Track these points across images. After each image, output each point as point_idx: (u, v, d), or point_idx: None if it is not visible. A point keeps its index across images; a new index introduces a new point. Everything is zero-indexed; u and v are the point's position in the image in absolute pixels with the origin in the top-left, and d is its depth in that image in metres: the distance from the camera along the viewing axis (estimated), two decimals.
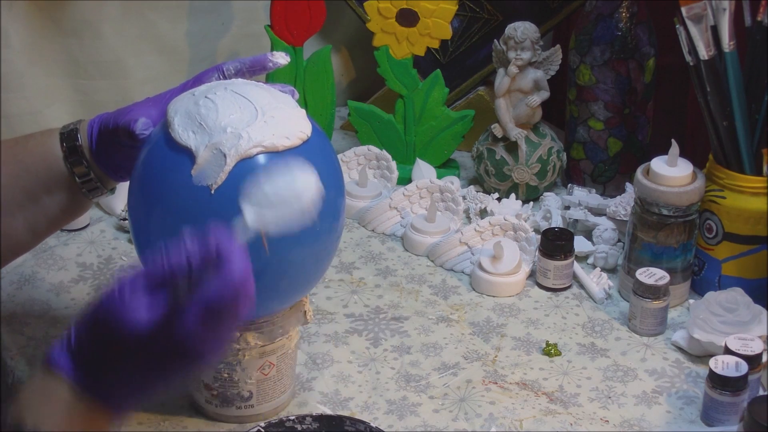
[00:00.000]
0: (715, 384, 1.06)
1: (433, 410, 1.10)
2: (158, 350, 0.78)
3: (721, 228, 1.22)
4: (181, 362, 0.79)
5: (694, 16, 1.17)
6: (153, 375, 0.80)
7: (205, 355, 0.78)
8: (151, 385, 0.80)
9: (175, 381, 0.81)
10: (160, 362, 0.79)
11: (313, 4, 1.43)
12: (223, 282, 0.76)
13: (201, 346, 0.78)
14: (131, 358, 0.78)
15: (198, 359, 0.79)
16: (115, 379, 0.80)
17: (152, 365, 0.79)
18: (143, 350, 0.78)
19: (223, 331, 0.78)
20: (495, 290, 1.27)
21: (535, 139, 1.42)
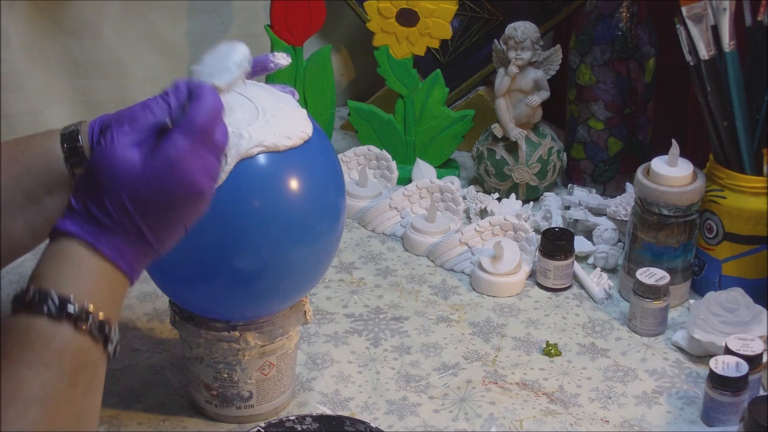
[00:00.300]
0: (715, 384, 1.06)
1: (433, 410, 1.10)
2: (155, 186, 0.79)
3: (722, 228, 1.22)
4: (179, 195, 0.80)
5: (695, 15, 1.17)
6: (156, 217, 0.80)
7: (198, 183, 0.80)
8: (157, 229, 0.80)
9: (178, 221, 0.81)
10: (160, 200, 0.79)
11: (313, 4, 1.43)
12: (198, 108, 0.80)
13: (192, 171, 0.79)
14: (131, 201, 0.79)
15: (192, 187, 0.80)
16: (121, 229, 0.79)
17: (152, 206, 0.79)
18: (141, 189, 0.79)
19: (208, 156, 0.81)
20: (495, 290, 1.27)
21: (535, 139, 1.42)
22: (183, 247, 0.94)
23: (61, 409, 0.74)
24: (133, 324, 1.21)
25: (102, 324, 0.77)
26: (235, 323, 1.02)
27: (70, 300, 0.76)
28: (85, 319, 0.76)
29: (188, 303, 1.02)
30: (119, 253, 0.80)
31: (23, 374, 0.73)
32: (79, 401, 0.76)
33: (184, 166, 0.80)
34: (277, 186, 0.94)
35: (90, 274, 0.78)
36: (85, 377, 0.76)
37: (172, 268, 0.97)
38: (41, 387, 0.73)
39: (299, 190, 0.95)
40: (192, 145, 0.80)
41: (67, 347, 0.75)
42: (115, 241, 0.79)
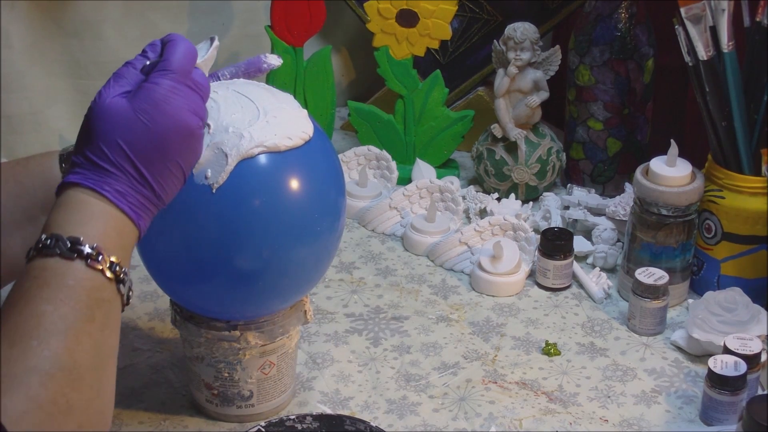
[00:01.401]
0: (714, 383, 1.06)
1: (433, 410, 1.10)
2: (145, 125, 0.82)
3: (720, 228, 1.22)
4: (168, 132, 0.83)
5: (693, 16, 1.17)
6: (152, 157, 0.83)
7: (183, 118, 0.84)
8: (155, 171, 0.83)
9: (174, 164, 0.84)
10: (152, 139, 0.82)
11: (313, 5, 1.44)
12: (172, 49, 0.86)
13: (176, 106, 0.83)
14: (126, 142, 0.82)
15: (180, 122, 0.83)
16: (121, 172, 0.82)
17: (146, 145, 0.82)
18: (133, 129, 0.82)
19: (190, 94, 0.85)
20: (495, 290, 1.27)
21: (534, 139, 1.42)
22: (183, 246, 0.95)
23: (80, 341, 0.77)
24: (133, 323, 1.21)
25: (113, 264, 0.80)
26: (235, 323, 1.02)
27: (80, 241, 0.79)
28: (96, 258, 0.79)
29: (189, 302, 1.02)
30: (123, 196, 0.82)
31: (41, 309, 0.76)
32: (97, 336, 0.78)
33: (168, 102, 0.83)
34: (277, 186, 0.95)
35: (98, 218, 0.81)
36: (101, 314, 0.79)
37: (173, 268, 0.98)
38: (60, 319, 0.76)
39: (300, 189, 0.95)
40: (172, 84, 0.84)
41: (81, 284, 0.78)
42: (117, 186, 0.82)
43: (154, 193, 0.84)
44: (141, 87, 0.84)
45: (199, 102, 0.86)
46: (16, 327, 0.76)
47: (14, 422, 0.71)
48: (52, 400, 0.73)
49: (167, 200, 0.86)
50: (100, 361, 0.78)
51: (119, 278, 0.80)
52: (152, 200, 0.84)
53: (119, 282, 0.81)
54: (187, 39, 0.88)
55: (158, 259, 0.99)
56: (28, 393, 0.73)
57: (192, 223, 0.94)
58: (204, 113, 0.87)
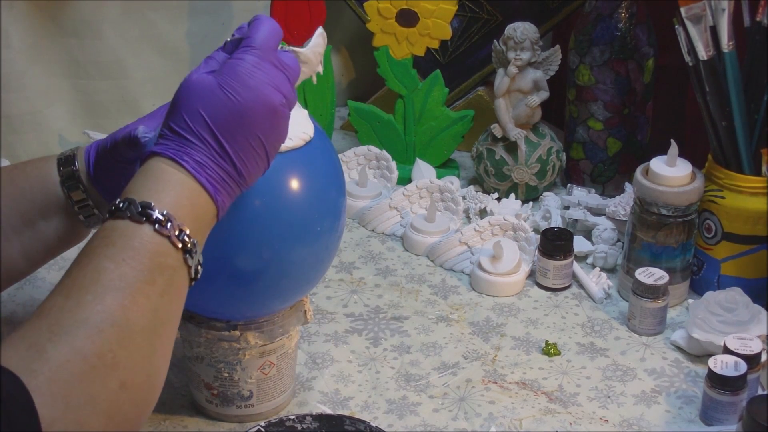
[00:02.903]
0: (714, 383, 1.06)
1: (433, 410, 1.10)
2: (227, 98, 0.83)
3: (720, 228, 1.22)
4: (250, 106, 0.83)
5: (693, 16, 1.17)
6: (233, 130, 0.83)
7: (265, 93, 0.84)
8: (236, 145, 0.83)
9: (256, 141, 0.84)
10: (233, 111, 0.83)
11: (313, 4, 1.44)
12: (255, 28, 0.87)
13: (258, 81, 0.84)
14: (208, 114, 0.83)
15: (261, 97, 0.84)
16: (201, 143, 0.83)
17: (228, 118, 0.83)
18: (216, 101, 0.83)
19: (274, 71, 0.85)
20: (495, 290, 1.27)
21: (534, 139, 1.42)
22: None
23: (136, 301, 0.77)
24: None
25: (182, 232, 0.80)
26: (235, 323, 1.02)
27: (151, 206, 0.79)
28: (164, 224, 0.79)
29: (189, 302, 1.01)
30: (202, 167, 0.83)
31: (103, 266, 0.77)
32: (156, 300, 0.78)
33: (250, 75, 0.84)
34: (278, 186, 0.95)
35: (173, 186, 0.82)
36: (163, 279, 0.79)
37: None
38: (119, 278, 0.77)
39: (300, 190, 0.95)
40: (254, 59, 0.84)
41: (146, 246, 0.79)
42: (197, 156, 0.83)
43: (235, 168, 0.84)
44: (225, 63, 0.85)
45: (284, 80, 0.86)
46: (74, 281, 0.76)
47: (55, 369, 0.72)
48: (97, 353, 0.74)
49: (249, 180, 0.86)
50: (156, 326, 0.78)
51: (187, 248, 0.81)
52: (233, 176, 0.84)
53: (187, 252, 0.81)
54: (272, 20, 0.88)
55: None
56: (74, 343, 0.73)
57: None
58: (289, 93, 0.86)
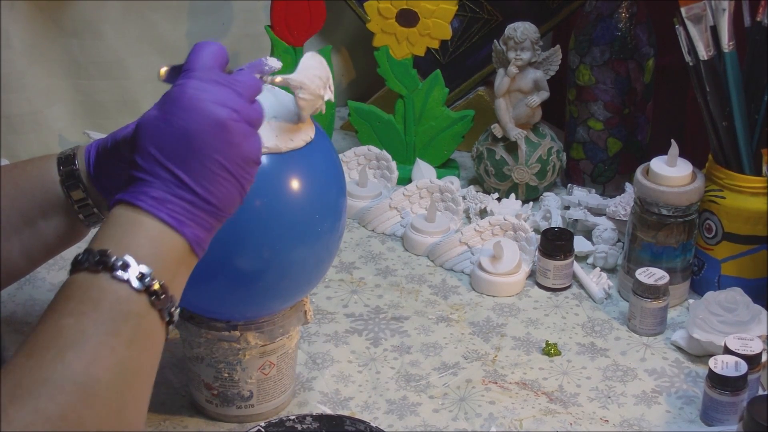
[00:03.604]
0: (714, 384, 1.06)
1: (433, 410, 1.10)
2: (172, 126, 0.79)
3: (721, 228, 1.22)
4: (197, 128, 0.80)
5: (694, 16, 1.17)
6: (186, 156, 0.80)
7: (208, 110, 0.80)
8: (192, 171, 0.80)
9: (212, 162, 0.80)
10: (182, 138, 0.79)
11: (313, 4, 1.44)
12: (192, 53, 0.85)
13: (198, 101, 0.80)
14: (158, 149, 0.80)
15: (204, 115, 0.80)
16: (157, 179, 0.79)
17: (178, 146, 0.79)
18: (162, 134, 0.80)
19: (216, 89, 0.81)
20: (495, 290, 1.27)
21: (534, 139, 1.42)
22: None
23: (99, 356, 0.74)
24: None
25: (144, 275, 0.77)
26: (235, 323, 1.02)
27: (107, 253, 0.77)
28: (122, 268, 0.76)
29: (189, 302, 1.02)
30: (160, 203, 0.79)
31: (63, 322, 0.74)
32: (122, 351, 0.75)
33: (189, 97, 0.80)
34: (278, 186, 0.94)
35: (131, 229, 0.79)
36: (128, 328, 0.76)
37: None
38: (80, 333, 0.74)
39: (300, 190, 0.95)
40: (194, 83, 0.81)
41: (105, 296, 0.76)
42: (154, 193, 0.79)
43: (198, 196, 0.80)
44: (165, 94, 0.82)
45: (231, 95, 0.82)
46: (36, 340, 0.74)
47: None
48: (60, 414, 0.71)
49: (223, 204, 0.81)
50: (124, 378, 0.75)
51: (152, 291, 0.77)
52: (199, 205, 0.80)
53: (152, 295, 0.77)
54: (215, 42, 0.86)
55: None
56: (36, 405, 0.70)
57: None
58: (242, 106, 0.82)
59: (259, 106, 0.85)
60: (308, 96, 0.93)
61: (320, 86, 0.94)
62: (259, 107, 0.84)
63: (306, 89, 0.93)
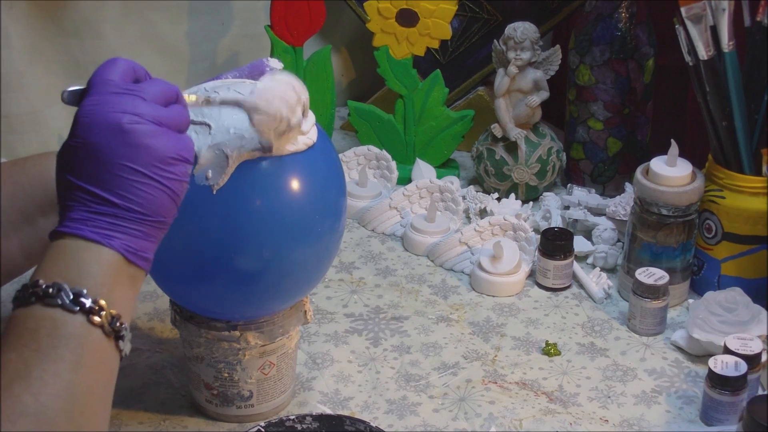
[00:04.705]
0: (714, 383, 1.06)
1: (433, 410, 1.10)
2: (77, 146, 0.79)
3: (721, 228, 1.22)
4: (98, 139, 0.79)
5: (694, 16, 1.17)
6: (96, 170, 0.79)
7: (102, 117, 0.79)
8: (105, 183, 0.79)
9: (121, 167, 0.79)
10: (88, 154, 0.79)
11: (313, 4, 1.44)
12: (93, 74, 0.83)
13: (92, 112, 0.80)
14: (70, 172, 0.80)
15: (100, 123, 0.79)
16: (76, 202, 0.79)
17: (85, 162, 0.79)
18: (71, 156, 0.80)
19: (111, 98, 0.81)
20: (495, 290, 1.27)
21: (534, 139, 1.42)
22: (184, 247, 0.95)
23: (46, 384, 0.73)
24: (133, 323, 1.21)
25: (77, 295, 0.76)
26: (235, 323, 1.02)
27: (38, 283, 0.76)
28: (53, 294, 0.76)
29: (189, 303, 1.02)
30: (80, 222, 0.79)
31: (5, 358, 0.74)
32: (68, 375, 0.75)
33: (86, 114, 0.79)
34: (278, 186, 0.94)
35: (58, 255, 0.78)
36: (70, 352, 0.75)
37: (173, 268, 0.97)
38: (23, 364, 0.73)
39: (300, 190, 0.95)
40: (91, 98, 0.80)
41: (40, 324, 0.75)
42: (75, 215, 0.79)
43: (118, 207, 0.79)
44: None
45: (133, 101, 0.80)
46: None
47: None
48: None
49: (148, 209, 0.80)
50: (75, 402, 0.75)
51: (86, 309, 0.76)
52: (122, 215, 0.79)
53: (88, 313, 0.76)
54: (120, 58, 0.85)
55: (158, 259, 0.98)
56: None
57: (193, 224, 0.93)
58: (145, 109, 0.80)
59: (178, 108, 0.84)
60: (265, 119, 0.90)
61: (283, 110, 0.91)
62: (178, 108, 0.84)
63: (262, 113, 0.90)
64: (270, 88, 0.90)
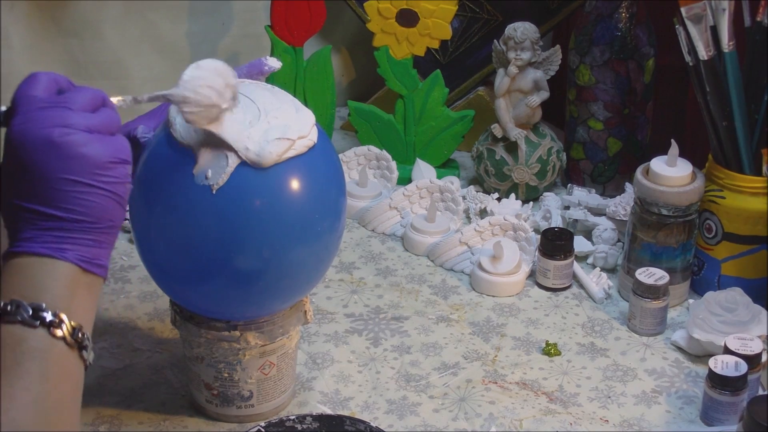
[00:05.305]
0: (714, 384, 1.06)
1: (433, 410, 1.10)
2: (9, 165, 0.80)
3: (721, 228, 1.22)
4: (28, 154, 0.79)
5: (694, 16, 1.17)
6: (32, 186, 0.80)
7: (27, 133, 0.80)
8: (44, 197, 0.79)
9: (57, 180, 0.79)
10: (20, 170, 0.79)
11: (313, 4, 1.44)
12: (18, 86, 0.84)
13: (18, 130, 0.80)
14: (9, 194, 0.80)
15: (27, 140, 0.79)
16: (19, 220, 0.80)
17: (21, 180, 0.79)
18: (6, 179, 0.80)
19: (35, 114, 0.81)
20: (495, 290, 1.27)
21: (534, 139, 1.42)
22: (184, 247, 0.95)
23: (15, 398, 0.74)
24: (133, 324, 1.21)
25: (36, 310, 0.77)
26: (235, 323, 1.02)
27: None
28: (12, 312, 0.77)
29: (189, 303, 1.02)
30: (31, 241, 0.79)
31: None
32: (37, 389, 0.75)
33: (16, 135, 0.80)
34: (278, 186, 0.94)
35: (12, 274, 0.79)
36: (35, 365, 0.76)
37: (173, 268, 0.97)
38: None
39: (300, 190, 0.95)
40: (18, 118, 0.80)
41: (3, 341, 0.76)
42: (25, 235, 0.80)
43: (63, 221, 0.80)
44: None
45: (58, 113, 0.80)
46: None
47: None
48: None
49: (96, 217, 0.81)
50: (45, 415, 0.75)
51: (46, 322, 0.77)
52: (69, 228, 0.80)
53: (48, 326, 0.77)
54: (41, 72, 0.85)
55: (158, 259, 0.99)
56: None
57: (192, 224, 0.94)
58: (74, 119, 0.81)
59: (107, 111, 0.84)
60: (195, 109, 0.90)
61: (213, 96, 0.90)
62: (107, 112, 0.84)
63: (192, 103, 0.89)
64: (196, 77, 0.89)
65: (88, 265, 0.81)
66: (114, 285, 1.27)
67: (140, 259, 1.01)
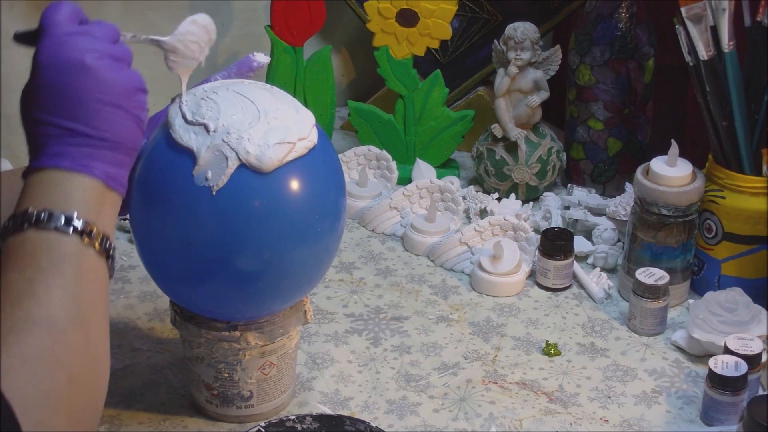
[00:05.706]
0: (714, 384, 1.06)
1: (433, 410, 1.10)
2: (38, 84, 0.85)
3: (721, 228, 1.22)
4: (58, 75, 0.84)
5: (694, 16, 1.17)
6: (61, 104, 0.84)
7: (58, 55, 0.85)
8: (72, 114, 0.84)
9: (86, 99, 0.84)
10: (50, 90, 0.84)
11: (313, 4, 1.44)
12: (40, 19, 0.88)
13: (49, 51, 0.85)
14: (36, 109, 0.85)
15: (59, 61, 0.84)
16: (47, 138, 0.84)
17: (49, 98, 0.84)
18: (33, 94, 0.86)
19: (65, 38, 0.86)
20: (495, 290, 1.27)
21: (534, 139, 1.42)
22: (184, 247, 0.95)
23: (52, 297, 0.78)
24: (133, 324, 1.21)
25: (69, 219, 0.81)
26: (235, 323, 1.02)
27: (28, 211, 0.81)
28: (46, 220, 0.80)
29: (189, 303, 1.02)
30: (60, 156, 0.83)
31: (8, 278, 0.79)
32: (72, 289, 0.79)
33: (50, 55, 0.85)
34: (277, 187, 0.94)
35: (41, 186, 0.83)
36: (70, 267, 0.80)
37: (173, 269, 0.97)
38: (27, 282, 0.78)
39: (300, 190, 0.95)
40: (50, 40, 0.85)
41: (38, 246, 0.80)
42: (52, 150, 0.84)
43: (92, 138, 0.84)
44: (32, 62, 0.86)
45: (86, 40, 0.86)
46: None
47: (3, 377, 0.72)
48: (35, 354, 0.74)
49: (121, 138, 0.85)
50: (81, 313, 0.79)
51: (78, 230, 0.81)
52: (98, 145, 0.84)
53: (80, 233, 0.81)
54: (64, 2, 0.89)
55: (158, 260, 0.99)
56: (9, 351, 0.74)
57: (192, 225, 0.94)
58: (100, 46, 0.86)
59: (124, 45, 0.89)
60: (180, 60, 0.95)
61: (196, 51, 0.96)
62: (124, 46, 0.89)
63: (178, 54, 0.95)
64: (190, 31, 0.95)
65: (113, 182, 0.85)
66: (114, 285, 1.27)
67: (140, 259, 1.01)
